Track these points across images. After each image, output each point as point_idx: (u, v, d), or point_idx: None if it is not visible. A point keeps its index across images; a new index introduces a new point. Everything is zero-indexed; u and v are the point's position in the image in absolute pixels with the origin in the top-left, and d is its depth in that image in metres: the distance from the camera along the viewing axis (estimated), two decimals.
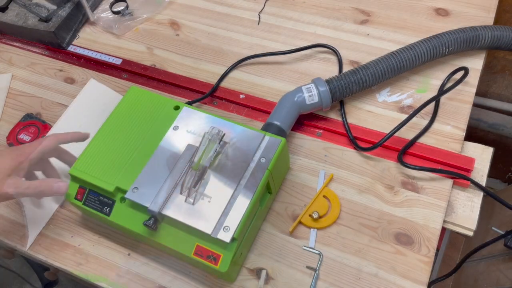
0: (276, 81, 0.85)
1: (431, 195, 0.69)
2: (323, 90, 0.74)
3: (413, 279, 0.63)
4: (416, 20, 0.89)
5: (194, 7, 0.99)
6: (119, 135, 0.68)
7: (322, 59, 0.87)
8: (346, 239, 0.67)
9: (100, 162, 0.66)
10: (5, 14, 0.97)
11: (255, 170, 0.62)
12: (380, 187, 0.71)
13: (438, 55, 0.78)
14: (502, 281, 1.03)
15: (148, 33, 0.96)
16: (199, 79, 0.87)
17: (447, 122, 0.76)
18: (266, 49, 0.89)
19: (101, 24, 0.98)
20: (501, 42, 0.78)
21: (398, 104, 0.79)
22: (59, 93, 0.90)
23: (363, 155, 0.75)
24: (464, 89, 0.79)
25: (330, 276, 0.65)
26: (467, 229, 0.68)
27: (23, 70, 0.95)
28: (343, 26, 0.91)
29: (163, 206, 0.60)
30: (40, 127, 0.81)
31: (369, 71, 0.75)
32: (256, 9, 0.96)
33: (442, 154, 0.72)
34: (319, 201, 0.70)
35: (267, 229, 0.70)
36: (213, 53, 0.91)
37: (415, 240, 0.66)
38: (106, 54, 0.94)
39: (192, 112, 0.69)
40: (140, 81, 0.90)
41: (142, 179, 0.63)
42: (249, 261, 0.67)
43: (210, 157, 0.62)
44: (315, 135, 0.78)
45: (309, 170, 0.74)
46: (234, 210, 0.59)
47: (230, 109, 0.83)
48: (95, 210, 0.65)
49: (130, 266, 0.69)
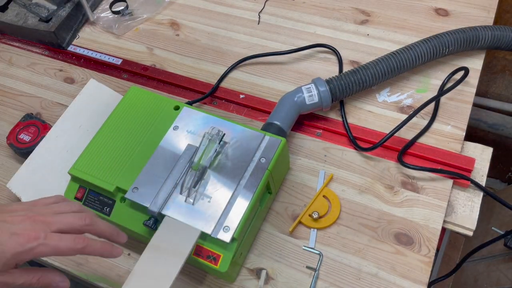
0: (276, 81, 0.85)
1: (431, 195, 0.69)
2: (323, 90, 0.74)
3: (413, 279, 0.63)
4: (416, 20, 0.89)
5: (194, 7, 0.99)
6: (119, 135, 0.68)
7: (322, 59, 0.87)
8: (346, 239, 0.67)
9: (100, 162, 0.66)
10: (5, 14, 0.97)
11: (255, 170, 0.62)
12: (380, 187, 0.71)
13: (438, 55, 0.77)
14: (502, 281, 1.03)
15: (148, 33, 0.96)
16: (199, 79, 0.87)
17: (447, 122, 0.76)
18: (266, 49, 0.89)
19: (101, 24, 0.98)
20: (501, 42, 0.78)
21: (398, 104, 0.79)
22: (59, 93, 0.90)
23: (363, 155, 0.75)
24: (464, 89, 0.79)
25: (330, 276, 0.65)
26: (467, 229, 0.68)
27: (23, 70, 0.95)
28: (343, 26, 0.91)
29: (163, 206, 0.60)
30: (40, 127, 0.81)
31: (369, 71, 0.75)
32: (256, 9, 0.96)
33: (442, 154, 0.72)
34: (319, 201, 0.70)
35: (267, 229, 0.70)
36: (213, 53, 0.91)
37: (415, 240, 0.66)
38: (106, 54, 0.94)
39: (192, 112, 0.69)
40: (140, 81, 0.90)
41: (142, 179, 0.63)
42: (249, 261, 0.67)
43: (210, 157, 0.62)
44: (315, 135, 0.78)
45: (309, 170, 0.74)
46: (234, 210, 0.59)
47: (230, 109, 0.83)
48: (95, 210, 0.65)
49: (130, 266, 0.69)
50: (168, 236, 0.58)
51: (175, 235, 0.58)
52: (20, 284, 0.46)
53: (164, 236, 0.58)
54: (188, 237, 0.58)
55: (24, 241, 0.44)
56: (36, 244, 0.45)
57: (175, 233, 0.58)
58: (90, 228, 0.50)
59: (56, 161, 0.77)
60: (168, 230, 0.59)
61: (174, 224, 0.59)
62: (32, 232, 0.45)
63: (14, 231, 0.45)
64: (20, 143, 0.79)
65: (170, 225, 0.59)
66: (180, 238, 0.58)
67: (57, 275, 0.50)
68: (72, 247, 0.47)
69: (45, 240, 0.45)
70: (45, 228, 0.46)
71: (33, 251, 0.45)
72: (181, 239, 0.58)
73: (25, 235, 0.45)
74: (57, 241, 0.46)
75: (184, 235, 0.58)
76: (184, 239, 0.57)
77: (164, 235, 0.58)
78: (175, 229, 0.59)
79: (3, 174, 0.81)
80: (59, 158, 0.78)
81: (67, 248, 0.47)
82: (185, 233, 0.58)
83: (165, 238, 0.58)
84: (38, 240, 0.45)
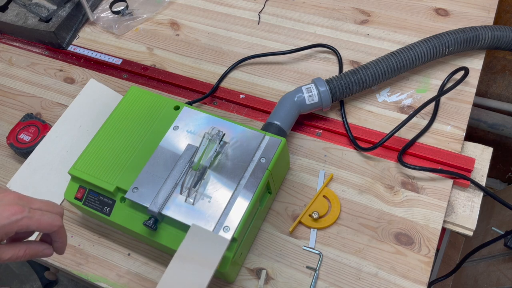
0: (276, 81, 0.85)
1: (431, 195, 0.69)
2: (323, 90, 0.74)
3: (413, 279, 0.63)
4: (416, 20, 0.89)
5: (194, 7, 0.99)
6: (119, 135, 0.68)
7: (322, 59, 0.87)
8: (346, 239, 0.67)
9: (100, 162, 0.66)
10: (5, 14, 0.97)
11: (255, 170, 0.62)
12: (380, 187, 0.71)
13: (438, 55, 0.77)
14: (502, 281, 1.03)
15: (148, 33, 0.96)
16: (199, 79, 0.87)
17: (447, 122, 0.76)
18: (266, 49, 0.89)
19: (101, 24, 0.98)
20: (501, 42, 0.78)
21: (398, 104, 0.79)
22: (59, 93, 0.90)
23: (363, 155, 0.75)
24: (464, 89, 0.79)
25: (330, 276, 0.65)
26: (467, 229, 0.68)
27: (23, 70, 0.95)
28: (343, 26, 0.91)
29: (163, 206, 0.60)
30: (40, 127, 0.81)
31: (369, 71, 0.75)
32: (256, 9, 0.96)
33: (442, 154, 0.72)
34: (319, 201, 0.70)
35: (267, 229, 0.70)
36: (213, 53, 0.91)
37: (415, 240, 0.66)
38: (106, 54, 0.94)
39: (192, 112, 0.69)
40: (140, 81, 0.90)
41: (142, 179, 0.63)
42: (249, 261, 0.67)
43: (210, 157, 0.62)
44: (315, 135, 0.78)
45: (309, 170, 0.74)
46: (234, 210, 0.59)
47: (230, 109, 0.83)
48: (95, 210, 0.65)
49: (130, 266, 0.69)
50: (196, 245, 0.56)
51: (203, 244, 0.56)
52: (8, 258, 0.49)
53: (192, 245, 0.56)
54: (217, 246, 0.56)
55: (9, 214, 0.47)
56: (20, 217, 0.47)
57: (203, 242, 0.57)
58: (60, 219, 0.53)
59: (56, 161, 0.77)
60: (196, 238, 0.57)
61: (201, 232, 0.57)
62: (16, 206, 0.48)
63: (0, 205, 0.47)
64: (20, 143, 0.79)
65: (197, 233, 0.57)
66: (209, 247, 0.56)
67: (41, 244, 0.52)
68: (52, 222, 0.50)
69: (29, 214, 0.48)
70: (29, 204, 0.49)
71: (18, 224, 0.47)
72: (210, 248, 0.56)
73: (11, 209, 0.47)
74: (40, 216, 0.49)
75: (212, 244, 0.56)
76: (213, 249, 0.56)
77: (192, 244, 0.56)
78: (203, 238, 0.57)
79: (3, 174, 0.81)
80: (59, 158, 0.78)
81: (48, 223, 0.50)
82: (214, 242, 0.56)
83: (193, 247, 0.56)
84: (23, 213, 0.47)
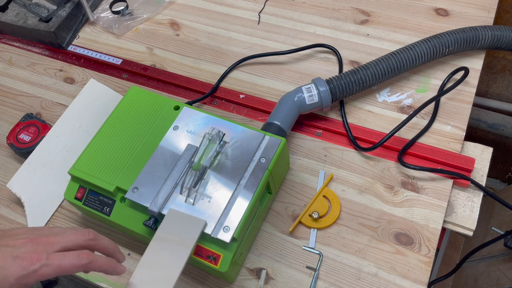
0: (276, 81, 0.85)
1: (431, 195, 0.69)
2: (323, 90, 0.74)
3: (413, 279, 0.63)
4: (416, 20, 0.89)
5: (194, 7, 0.99)
6: (119, 135, 0.68)
7: (322, 59, 0.87)
8: (346, 239, 0.67)
9: (100, 162, 0.66)
10: (5, 14, 0.97)
11: (255, 170, 0.62)
12: (380, 187, 0.71)
13: (438, 55, 0.77)
14: (502, 281, 1.03)
15: (148, 33, 0.96)
16: (199, 79, 0.87)
17: (447, 122, 0.76)
18: (266, 49, 0.89)
19: (101, 24, 0.98)
20: (501, 42, 0.78)
21: (398, 104, 0.79)
22: (59, 93, 0.90)
23: (363, 155, 0.75)
24: (464, 89, 0.79)
25: (330, 276, 0.65)
26: (467, 229, 0.68)
27: (23, 70, 0.95)
28: (343, 26, 0.91)
29: (163, 206, 0.60)
30: (40, 127, 0.81)
31: (369, 71, 0.75)
32: (256, 9, 0.96)
33: (442, 154, 0.72)
34: (319, 201, 0.70)
35: (267, 229, 0.70)
36: (213, 53, 0.91)
37: (415, 240, 0.66)
38: (106, 54, 0.94)
39: (192, 112, 0.69)
40: (140, 81, 0.90)
41: (142, 179, 0.63)
42: (249, 261, 0.67)
43: (210, 157, 0.62)
44: (315, 135, 0.78)
45: (309, 170, 0.74)
46: (234, 210, 0.59)
47: (230, 109, 0.83)
48: (95, 210, 0.65)
49: (130, 266, 0.69)
50: (173, 227, 0.58)
51: (180, 226, 0.58)
52: None
53: (169, 228, 0.58)
54: (193, 227, 0.58)
55: (27, 264, 0.44)
56: (38, 265, 0.44)
57: (180, 224, 0.59)
58: (93, 243, 0.50)
59: (56, 161, 0.77)
60: (173, 221, 0.59)
61: (178, 215, 0.59)
62: (34, 254, 0.45)
63: (17, 255, 0.44)
64: (20, 143, 0.79)
65: (175, 216, 0.59)
66: (186, 228, 0.58)
67: None
68: (75, 263, 0.46)
69: (48, 261, 0.45)
70: (48, 249, 0.46)
71: (37, 273, 0.44)
72: (187, 229, 0.58)
73: (28, 258, 0.44)
74: (60, 260, 0.45)
75: (189, 225, 0.58)
76: (190, 229, 0.58)
77: (169, 227, 0.58)
78: (180, 220, 0.59)
79: (3, 174, 0.81)
80: (59, 158, 0.78)
81: (71, 265, 0.46)
82: (190, 223, 0.58)
83: (171, 229, 0.58)
84: (41, 261, 0.44)
